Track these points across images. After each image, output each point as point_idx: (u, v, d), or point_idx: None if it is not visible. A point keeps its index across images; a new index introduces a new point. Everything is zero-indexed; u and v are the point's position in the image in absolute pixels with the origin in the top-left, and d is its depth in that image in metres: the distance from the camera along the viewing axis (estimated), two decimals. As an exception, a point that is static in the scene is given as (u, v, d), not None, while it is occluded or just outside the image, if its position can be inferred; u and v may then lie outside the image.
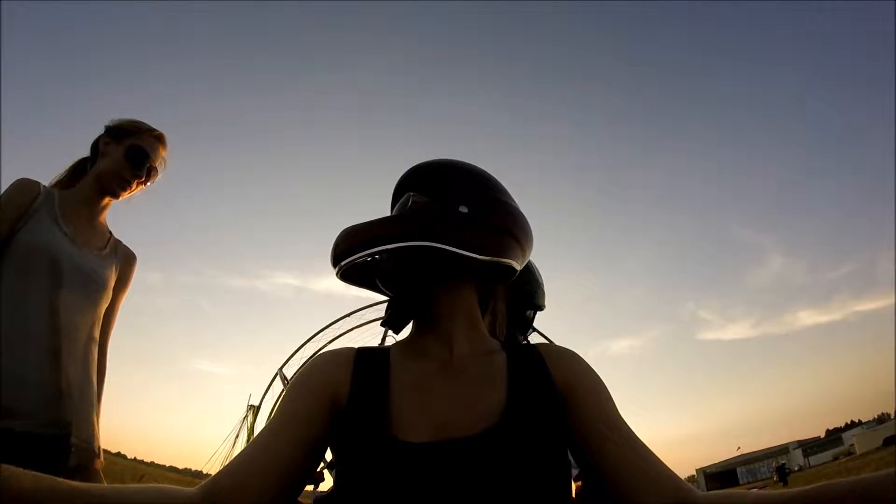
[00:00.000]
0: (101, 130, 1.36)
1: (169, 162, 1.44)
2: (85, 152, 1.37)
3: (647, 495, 0.51)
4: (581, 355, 0.69)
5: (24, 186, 1.20)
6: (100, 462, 1.23)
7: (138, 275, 1.44)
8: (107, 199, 1.33)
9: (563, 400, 0.61)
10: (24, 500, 0.39)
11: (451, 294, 0.70)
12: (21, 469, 0.41)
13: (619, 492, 0.53)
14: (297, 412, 0.59)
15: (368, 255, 0.64)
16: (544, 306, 1.24)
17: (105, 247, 1.33)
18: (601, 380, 0.65)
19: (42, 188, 1.23)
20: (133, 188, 1.34)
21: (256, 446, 0.56)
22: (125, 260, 1.39)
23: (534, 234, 0.75)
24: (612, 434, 0.57)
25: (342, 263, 0.66)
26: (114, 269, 1.33)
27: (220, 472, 0.54)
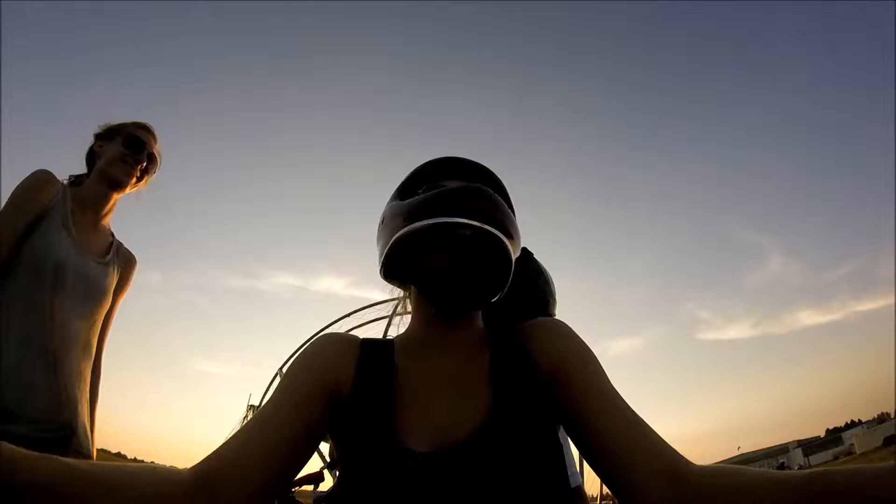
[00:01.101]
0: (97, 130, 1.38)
1: (164, 154, 1.45)
2: (82, 152, 1.38)
3: (643, 467, 0.51)
4: (566, 324, 0.67)
5: (44, 183, 1.20)
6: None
7: (138, 275, 1.45)
8: (113, 198, 1.34)
9: (550, 377, 0.60)
10: (21, 475, 0.40)
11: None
12: (19, 448, 0.42)
13: (614, 464, 0.53)
14: (296, 393, 0.58)
15: (483, 231, 0.57)
16: (555, 314, 1.25)
17: (107, 252, 1.34)
18: (589, 350, 0.63)
19: (60, 185, 1.24)
20: (136, 175, 1.35)
21: (253, 426, 0.55)
22: (126, 263, 1.40)
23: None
24: (605, 406, 0.57)
25: (463, 221, 0.57)
26: (115, 274, 1.34)
27: (214, 452, 0.53)
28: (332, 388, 0.60)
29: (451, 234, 0.59)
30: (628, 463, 0.52)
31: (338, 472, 0.59)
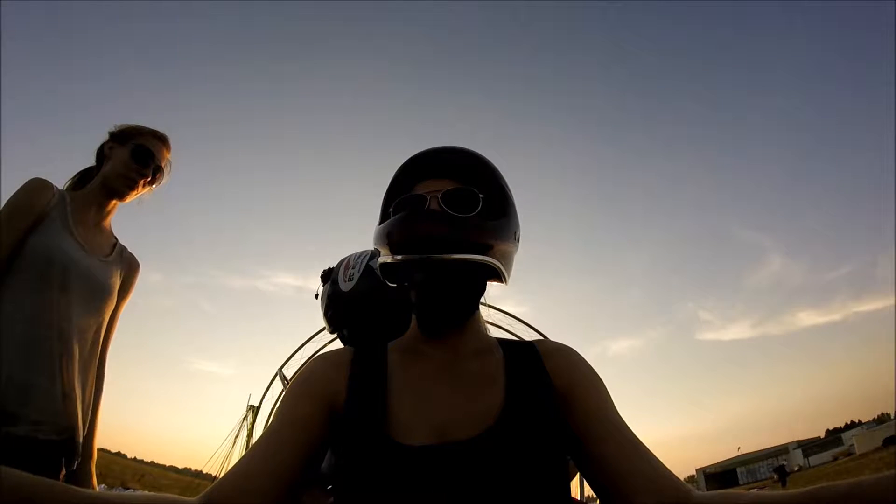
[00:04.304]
0: (101, 132, 1.38)
1: (174, 164, 1.46)
2: (84, 154, 1.39)
3: (645, 495, 0.51)
4: (579, 352, 0.69)
5: (40, 188, 1.21)
6: (94, 465, 1.24)
7: (140, 274, 1.45)
8: (113, 203, 1.35)
9: (560, 398, 0.61)
10: (24, 502, 0.39)
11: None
12: (19, 471, 0.41)
13: (617, 491, 0.53)
14: (295, 417, 0.59)
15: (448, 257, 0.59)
16: None
17: (111, 253, 1.34)
18: (599, 377, 0.65)
19: (56, 190, 1.24)
20: (139, 189, 1.35)
21: (256, 452, 0.56)
22: (129, 267, 1.40)
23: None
24: (611, 433, 0.57)
25: (432, 255, 0.59)
26: (118, 275, 1.34)
27: (219, 480, 0.54)
28: (330, 404, 0.61)
29: (410, 269, 0.62)
30: (631, 488, 0.52)
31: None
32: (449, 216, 0.63)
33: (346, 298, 1.14)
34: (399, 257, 0.61)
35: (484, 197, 0.66)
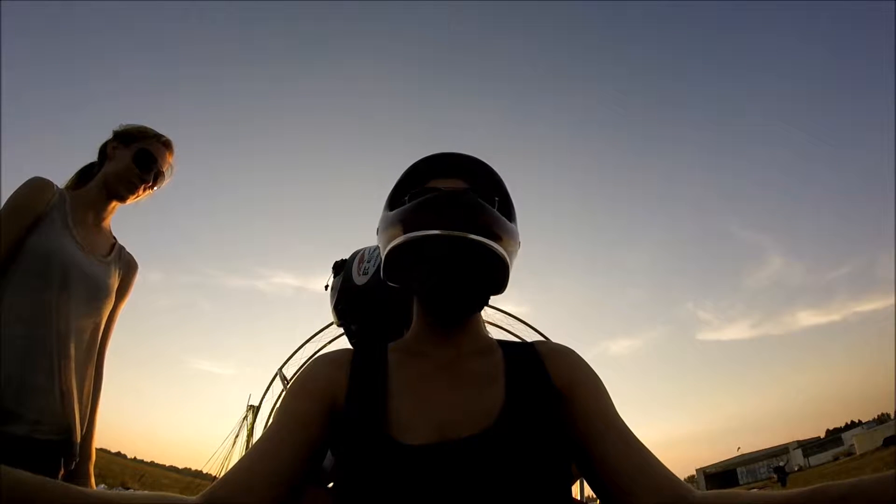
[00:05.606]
0: (101, 132, 1.38)
1: (176, 169, 1.46)
2: (83, 153, 1.39)
3: (645, 495, 0.51)
4: (578, 352, 0.69)
5: (40, 188, 1.21)
6: (92, 465, 1.24)
7: (139, 275, 1.45)
8: (113, 204, 1.35)
9: (561, 398, 0.61)
10: (23, 501, 0.39)
11: None
12: (18, 470, 0.41)
13: (617, 491, 0.53)
14: (295, 417, 0.59)
15: (472, 240, 0.59)
16: None
17: (110, 253, 1.34)
18: (599, 378, 0.65)
19: (56, 189, 1.24)
20: (140, 192, 1.36)
21: (256, 452, 0.56)
22: (127, 268, 1.40)
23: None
24: (611, 433, 0.57)
25: (457, 232, 0.59)
26: (116, 276, 1.34)
27: (220, 479, 0.54)
28: (330, 404, 0.61)
29: (432, 247, 0.61)
30: (631, 488, 0.52)
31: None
32: (476, 198, 0.63)
33: (359, 292, 1.09)
34: (420, 234, 0.60)
35: (499, 201, 0.69)
